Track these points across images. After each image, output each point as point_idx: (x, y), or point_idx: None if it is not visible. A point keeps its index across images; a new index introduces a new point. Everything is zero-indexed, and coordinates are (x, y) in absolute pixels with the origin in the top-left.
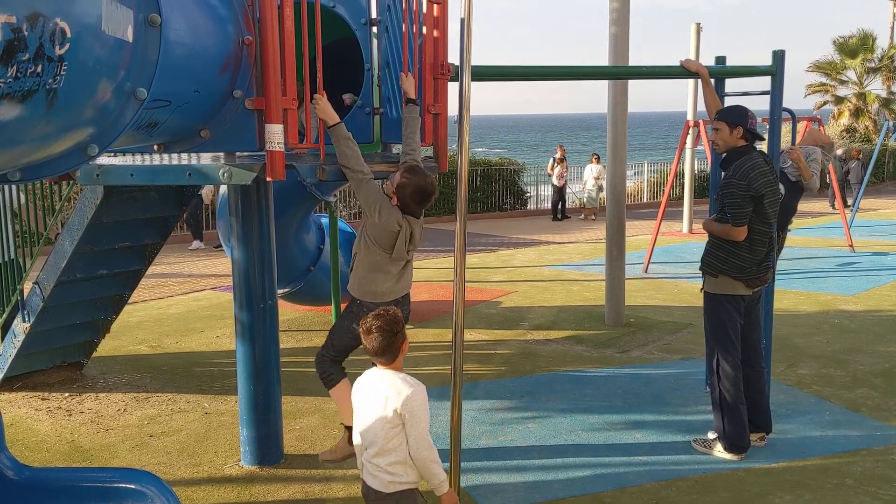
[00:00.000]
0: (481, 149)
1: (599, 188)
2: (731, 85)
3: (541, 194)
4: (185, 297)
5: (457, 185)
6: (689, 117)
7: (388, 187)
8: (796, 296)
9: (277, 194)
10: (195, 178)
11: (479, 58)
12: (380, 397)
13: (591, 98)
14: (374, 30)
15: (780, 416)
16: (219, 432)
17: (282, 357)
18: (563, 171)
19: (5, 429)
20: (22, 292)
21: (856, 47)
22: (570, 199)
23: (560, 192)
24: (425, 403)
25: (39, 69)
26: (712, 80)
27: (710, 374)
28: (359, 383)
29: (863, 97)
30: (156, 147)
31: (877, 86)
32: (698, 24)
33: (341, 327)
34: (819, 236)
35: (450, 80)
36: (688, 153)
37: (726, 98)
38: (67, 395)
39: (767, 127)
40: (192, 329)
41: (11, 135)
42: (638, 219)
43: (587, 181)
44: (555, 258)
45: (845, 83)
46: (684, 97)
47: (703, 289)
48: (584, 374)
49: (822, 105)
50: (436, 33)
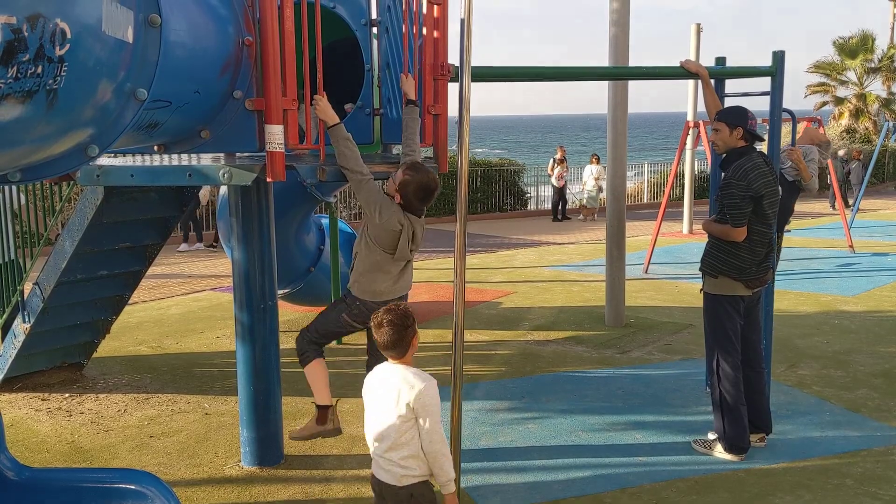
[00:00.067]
0: (482, 149)
1: (599, 189)
2: (731, 86)
3: (541, 195)
4: (185, 298)
5: (457, 185)
6: (690, 118)
7: (390, 185)
8: (796, 296)
9: (277, 195)
10: (195, 179)
11: (478, 59)
12: (392, 392)
13: (592, 99)
14: (375, 30)
15: (781, 416)
16: (219, 433)
17: (282, 358)
18: (563, 171)
19: (5, 429)
20: (22, 293)
21: (856, 48)
22: (571, 200)
23: (560, 192)
24: (437, 398)
25: (40, 70)
26: (712, 81)
27: (710, 375)
28: (370, 379)
29: (863, 98)
30: (156, 148)
31: (877, 86)
32: (698, 25)
33: (329, 314)
34: (819, 237)
35: (450, 81)
36: (688, 154)
37: (726, 99)
38: (68, 395)
39: (767, 127)
40: (192, 330)
41: (12, 135)
42: (638, 219)
43: (586, 182)
44: (555, 259)
45: (845, 84)
46: (684, 98)
47: (702, 289)
48: (584, 375)
49: (821, 106)
50: (436, 34)
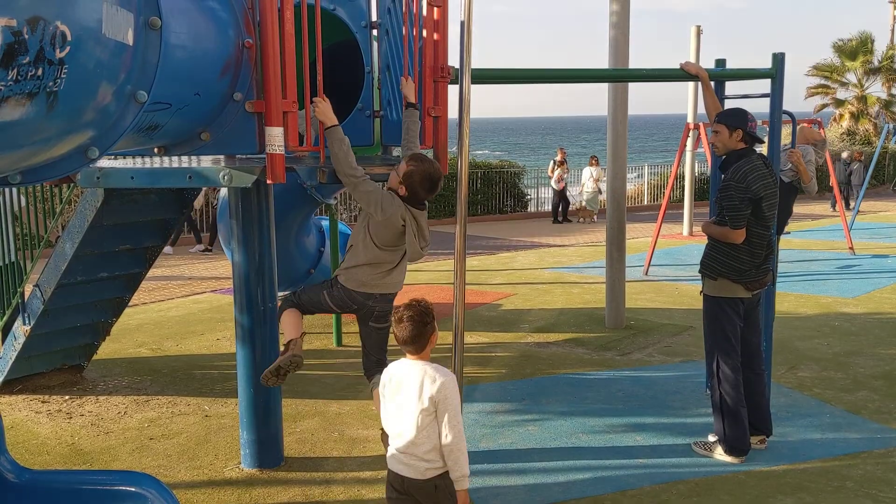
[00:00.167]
0: (483, 151)
1: (598, 191)
2: (731, 87)
3: (541, 197)
4: (185, 300)
5: (457, 187)
6: (690, 120)
7: (393, 178)
8: (796, 298)
9: (278, 197)
10: (195, 181)
11: (479, 61)
12: (414, 386)
13: (592, 101)
14: (375, 33)
15: (781, 418)
16: (219, 435)
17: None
18: (564, 173)
19: (5, 432)
20: (22, 295)
21: (855, 49)
22: (573, 202)
23: (560, 194)
24: (458, 392)
25: (40, 72)
26: (712, 83)
27: (710, 377)
28: (388, 374)
29: (863, 100)
30: (156, 150)
31: (877, 88)
32: (698, 27)
33: (314, 288)
34: (819, 239)
35: (450, 83)
36: (688, 156)
37: (726, 101)
38: (68, 397)
39: (767, 129)
40: (192, 332)
41: (12, 137)
42: (638, 221)
43: (585, 184)
44: (555, 261)
45: (846, 85)
46: (684, 100)
47: (702, 291)
48: (584, 377)
49: (822, 108)
50: (436, 36)
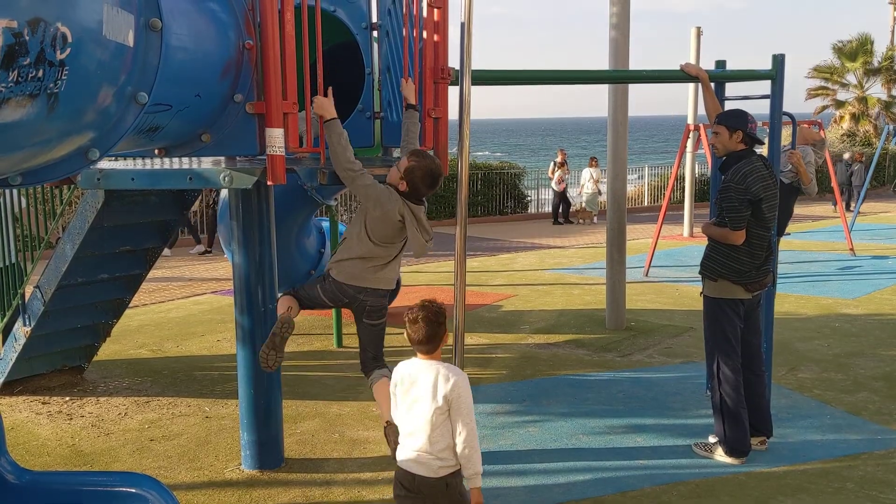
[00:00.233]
0: (485, 152)
1: (598, 192)
2: (731, 89)
3: (541, 198)
4: (185, 301)
5: (457, 188)
6: (690, 121)
7: (394, 174)
8: (797, 299)
9: (278, 198)
10: (196, 182)
11: (479, 62)
12: (428, 385)
13: (593, 102)
14: (375, 34)
15: (781, 419)
16: (219, 436)
17: (283, 360)
18: (564, 175)
19: (6, 433)
20: (23, 296)
21: (855, 51)
22: (572, 203)
23: (561, 196)
24: (470, 390)
25: (41, 73)
26: (712, 84)
27: (710, 379)
28: (400, 374)
29: (864, 101)
30: (157, 151)
31: (877, 89)
32: (699, 28)
33: (309, 285)
34: (820, 240)
35: (450, 84)
36: (688, 157)
37: (726, 102)
38: (68, 398)
39: (767, 131)
40: (192, 333)
41: (13, 139)
42: (638, 222)
43: (585, 185)
44: (555, 262)
45: (846, 87)
46: (685, 101)
47: (702, 293)
48: (584, 378)
49: (822, 109)
50: (436, 37)
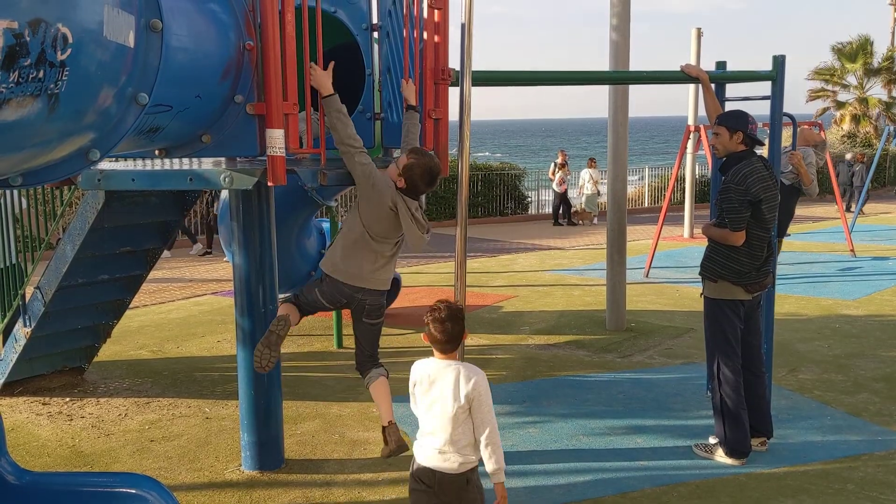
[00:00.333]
0: (485, 153)
1: (597, 192)
2: (731, 90)
3: (541, 199)
4: (185, 302)
5: (458, 189)
6: (690, 122)
7: (392, 170)
8: (797, 300)
9: (278, 199)
10: (196, 183)
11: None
12: (449, 385)
13: (593, 103)
14: (375, 35)
15: (782, 420)
16: (220, 437)
17: (282, 362)
18: (565, 176)
19: (6, 434)
20: (23, 297)
21: (855, 51)
22: (572, 204)
23: (562, 197)
24: (489, 388)
25: (41, 74)
26: (713, 85)
27: (710, 379)
28: (418, 373)
29: (864, 102)
30: (157, 152)
31: (877, 90)
32: (699, 29)
33: (308, 289)
34: (820, 241)
35: (450, 85)
36: (689, 158)
37: (727, 103)
38: (68, 399)
39: (768, 132)
40: (192, 334)
41: (13, 139)
42: (639, 223)
43: (584, 185)
44: (556, 263)
45: (846, 88)
46: (685, 102)
47: (702, 294)
48: (585, 379)
49: (823, 111)
50: (436, 38)
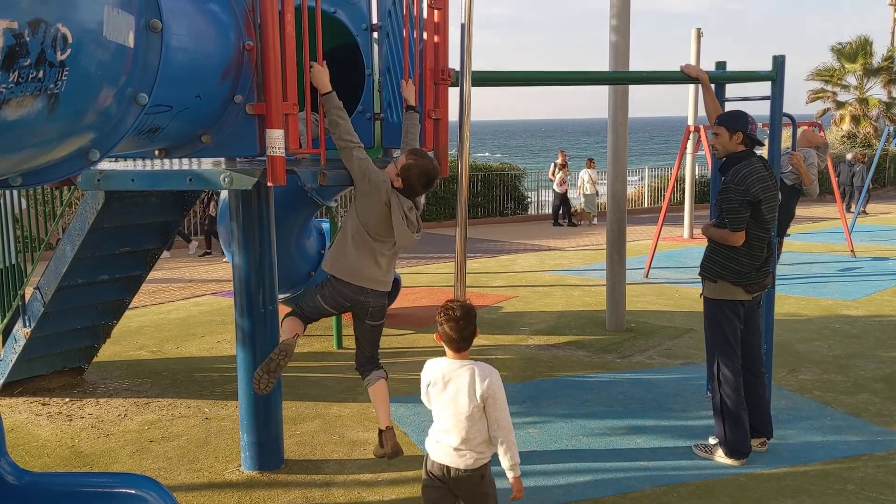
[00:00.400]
0: (485, 154)
1: (596, 192)
2: (731, 90)
3: (541, 200)
4: (185, 303)
5: (457, 190)
6: (690, 122)
7: (391, 170)
8: (797, 301)
9: (278, 199)
10: (196, 183)
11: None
12: (464, 385)
13: (593, 103)
14: (375, 35)
15: (782, 421)
16: (219, 437)
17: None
18: (566, 176)
19: (6, 434)
20: (23, 297)
21: (854, 52)
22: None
23: (562, 197)
24: (503, 386)
25: (41, 74)
26: (712, 86)
27: (710, 380)
28: (432, 373)
29: (864, 102)
30: (157, 152)
31: (877, 91)
32: (699, 30)
33: (311, 297)
34: (820, 241)
35: (450, 86)
36: (688, 158)
37: (727, 103)
38: (68, 400)
39: (767, 132)
40: (192, 334)
41: (13, 140)
42: (638, 224)
43: (584, 185)
44: (555, 263)
45: (846, 88)
46: (685, 102)
47: (702, 294)
48: (584, 380)
49: (824, 112)
50: (436, 39)
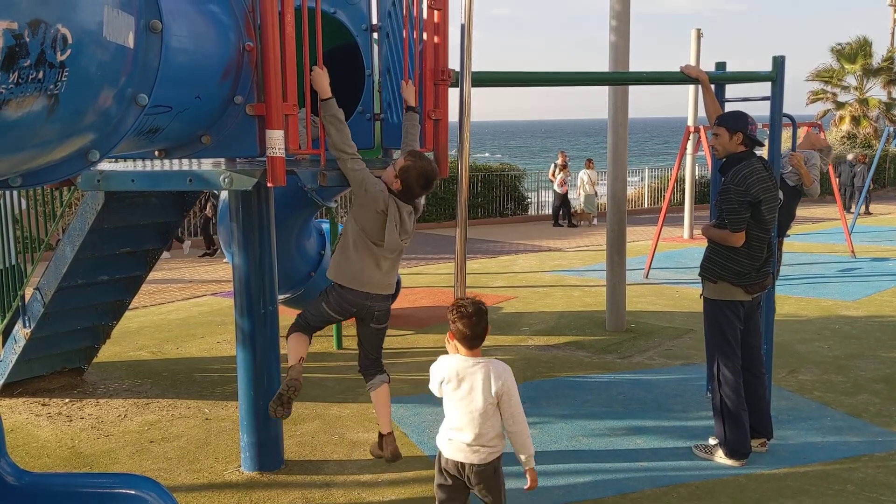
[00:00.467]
0: (485, 154)
1: (594, 193)
2: (731, 90)
3: (541, 200)
4: (185, 303)
5: (457, 190)
6: (690, 123)
7: (389, 172)
8: (797, 301)
9: (278, 200)
10: (196, 184)
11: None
12: (478, 382)
13: (593, 104)
14: (375, 36)
15: (782, 421)
16: (219, 438)
17: (282, 363)
18: (566, 177)
19: (6, 434)
20: (23, 298)
21: (854, 53)
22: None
23: (563, 198)
24: (515, 381)
25: (41, 75)
26: (712, 86)
27: (710, 380)
28: (446, 371)
29: (864, 103)
30: (157, 153)
31: (877, 91)
32: (699, 30)
33: (315, 305)
34: (820, 242)
35: (450, 86)
36: (688, 159)
37: (726, 104)
38: (68, 400)
39: (767, 133)
40: (192, 335)
41: (13, 140)
42: (638, 224)
43: (584, 186)
44: (555, 264)
45: (846, 89)
46: (685, 103)
47: (702, 294)
48: (584, 380)
49: (824, 114)
50: (436, 39)
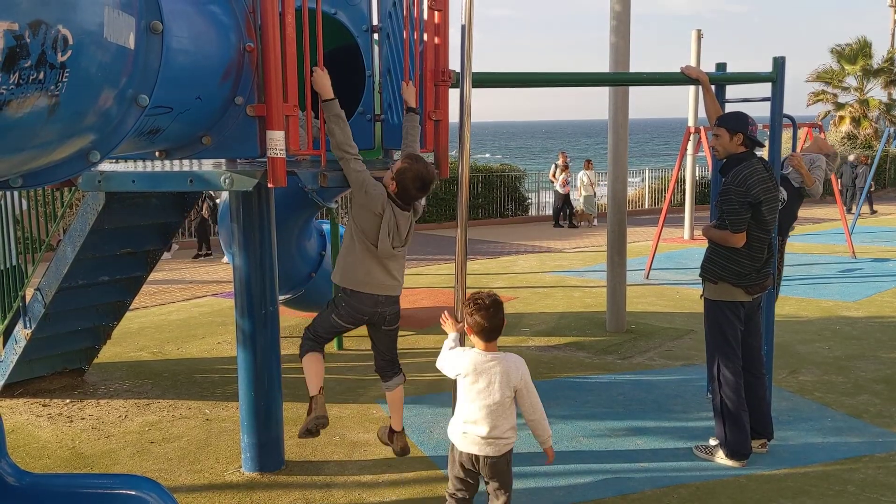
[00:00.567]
0: (485, 155)
1: (594, 194)
2: (731, 91)
3: (542, 201)
4: (186, 304)
5: (458, 191)
6: (690, 124)
7: (387, 176)
8: (798, 302)
9: (279, 201)
10: (197, 185)
11: (479, 64)
12: (497, 377)
13: (593, 104)
14: (376, 37)
15: (782, 422)
16: (220, 439)
17: (283, 363)
18: (568, 177)
19: (6, 435)
20: (24, 298)
21: (854, 53)
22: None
23: (564, 198)
24: (529, 372)
25: (41, 76)
26: (713, 87)
27: (711, 381)
28: (463, 365)
29: (864, 103)
30: (157, 153)
31: (877, 92)
32: (699, 31)
33: (324, 315)
34: (820, 242)
35: (451, 87)
36: (689, 159)
37: (727, 104)
38: (68, 401)
39: (768, 133)
40: (193, 335)
41: (14, 141)
42: (639, 225)
43: (584, 186)
44: (556, 264)
45: (847, 89)
46: (685, 104)
47: (702, 295)
48: (585, 381)
49: (825, 115)
50: (437, 40)
